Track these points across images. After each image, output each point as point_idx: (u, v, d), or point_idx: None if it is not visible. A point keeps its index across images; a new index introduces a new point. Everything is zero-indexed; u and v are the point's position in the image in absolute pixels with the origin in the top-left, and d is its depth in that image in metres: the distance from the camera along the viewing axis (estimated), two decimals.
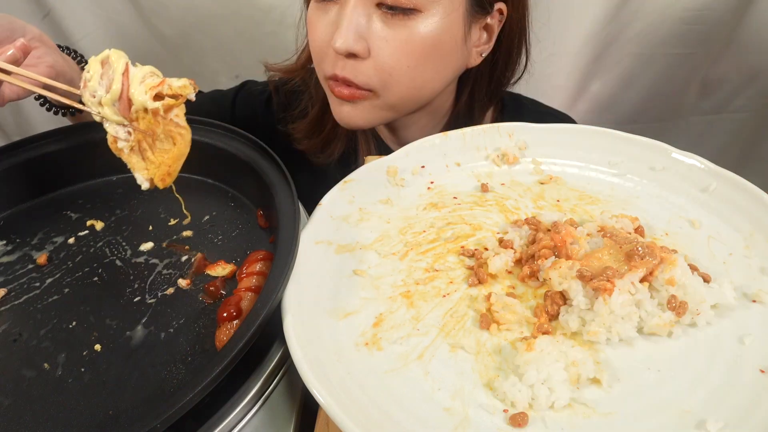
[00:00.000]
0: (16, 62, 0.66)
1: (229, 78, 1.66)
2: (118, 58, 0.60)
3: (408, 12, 0.77)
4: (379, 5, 0.77)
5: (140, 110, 0.60)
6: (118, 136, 0.62)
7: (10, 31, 0.69)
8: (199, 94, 1.19)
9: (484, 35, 0.89)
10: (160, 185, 0.63)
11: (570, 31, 1.39)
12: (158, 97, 0.60)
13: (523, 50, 0.96)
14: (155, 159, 0.62)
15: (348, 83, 0.82)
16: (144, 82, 0.60)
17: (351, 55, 0.79)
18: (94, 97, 0.61)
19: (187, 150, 0.63)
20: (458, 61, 0.87)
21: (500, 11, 0.87)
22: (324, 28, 0.81)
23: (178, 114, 0.62)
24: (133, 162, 0.64)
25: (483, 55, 0.91)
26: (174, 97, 0.60)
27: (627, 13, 1.38)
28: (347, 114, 0.86)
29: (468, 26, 0.83)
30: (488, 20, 0.87)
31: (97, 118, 0.62)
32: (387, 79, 0.81)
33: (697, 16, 1.34)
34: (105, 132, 0.83)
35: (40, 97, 0.87)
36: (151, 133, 0.61)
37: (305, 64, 1.00)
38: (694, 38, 1.38)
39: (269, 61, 1.06)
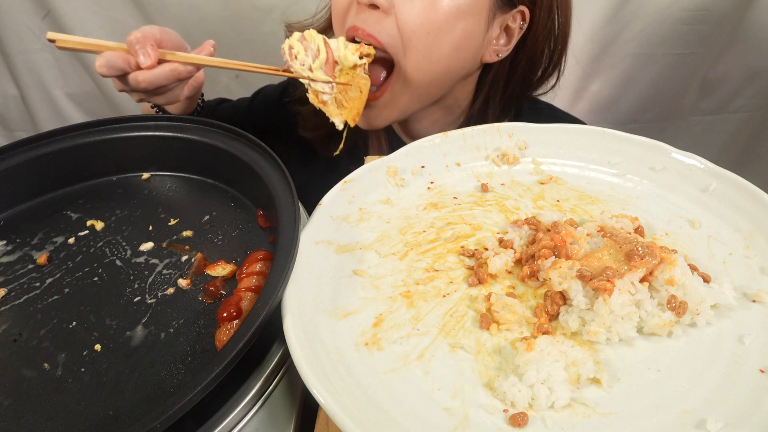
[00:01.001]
0: (211, 56, 0.82)
1: (230, 78, 1.66)
2: (316, 35, 0.81)
3: None
4: None
5: (346, 68, 0.83)
6: (324, 91, 0.83)
7: (182, 42, 0.81)
8: (221, 101, 1.24)
9: (503, 37, 0.89)
10: (352, 124, 0.86)
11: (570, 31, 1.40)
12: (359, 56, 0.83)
13: (556, 69, 0.97)
14: (348, 105, 0.85)
15: (368, 36, 0.83)
16: (348, 47, 0.82)
17: (373, 6, 0.81)
18: (303, 65, 0.81)
19: (367, 95, 0.86)
20: (476, 47, 0.87)
21: (522, 14, 0.87)
22: None
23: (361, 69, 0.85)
24: (331, 110, 0.85)
25: (499, 55, 0.91)
26: (367, 55, 0.83)
27: (627, 13, 1.38)
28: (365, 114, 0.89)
29: (492, 14, 0.84)
30: (509, 22, 0.87)
31: (305, 82, 0.83)
32: (406, 43, 0.82)
33: (697, 16, 1.35)
34: (104, 133, 0.85)
35: (155, 106, 0.95)
36: (348, 85, 0.84)
37: (324, 26, 1.01)
38: (694, 38, 1.38)
39: (269, 61, 1.06)
